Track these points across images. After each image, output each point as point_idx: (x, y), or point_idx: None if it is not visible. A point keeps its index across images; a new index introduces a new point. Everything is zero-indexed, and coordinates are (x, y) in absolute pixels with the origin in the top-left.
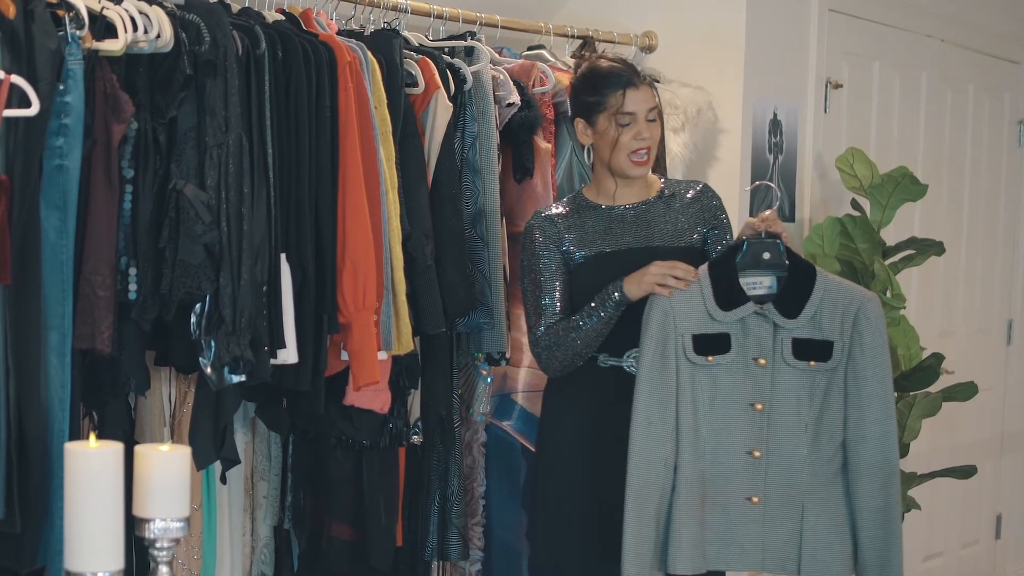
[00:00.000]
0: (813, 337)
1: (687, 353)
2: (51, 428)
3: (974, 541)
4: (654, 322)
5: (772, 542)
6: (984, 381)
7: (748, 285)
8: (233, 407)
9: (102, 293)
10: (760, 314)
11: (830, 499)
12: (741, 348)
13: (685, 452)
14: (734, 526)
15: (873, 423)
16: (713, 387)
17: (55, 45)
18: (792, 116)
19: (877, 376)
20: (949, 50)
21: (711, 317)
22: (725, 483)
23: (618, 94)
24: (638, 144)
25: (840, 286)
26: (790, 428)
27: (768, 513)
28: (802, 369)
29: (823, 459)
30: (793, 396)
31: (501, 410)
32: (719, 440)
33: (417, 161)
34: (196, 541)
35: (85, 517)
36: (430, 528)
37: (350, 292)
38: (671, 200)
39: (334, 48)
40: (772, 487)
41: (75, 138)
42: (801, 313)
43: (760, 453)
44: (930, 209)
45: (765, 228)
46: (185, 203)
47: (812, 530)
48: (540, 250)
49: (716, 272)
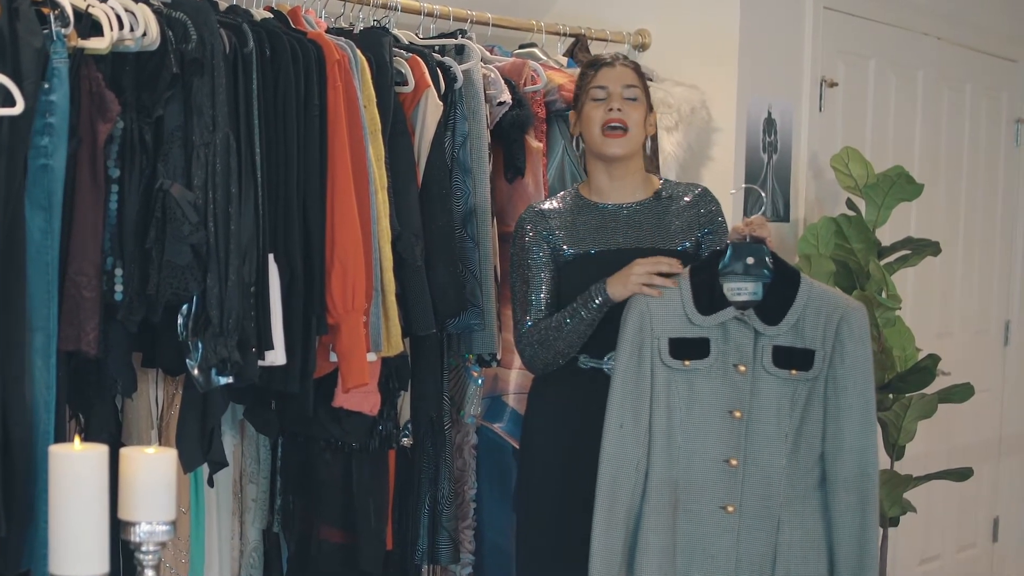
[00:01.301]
0: (795, 345)
1: (663, 356)
2: (36, 430)
3: (971, 544)
4: (631, 324)
5: (746, 553)
6: (981, 383)
7: (731, 291)
8: (221, 409)
9: (88, 294)
10: (741, 320)
11: (807, 512)
12: (721, 354)
13: (657, 457)
14: (707, 536)
15: (851, 436)
16: (690, 393)
17: (40, 43)
18: (787, 115)
19: (857, 388)
20: (946, 48)
21: (690, 321)
22: (699, 491)
23: (590, 73)
24: (608, 116)
25: (825, 294)
26: (769, 437)
27: (743, 523)
28: (783, 378)
29: (801, 471)
30: (773, 405)
31: (492, 412)
32: (694, 447)
33: (407, 160)
34: (184, 545)
35: (70, 520)
36: (420, 531)
37: (339, 293)
38: (668, 202)
39: (323, 46)
40: (748, 497)
41: (60, 137)
42: (783, 320)
43: (737, 462)
44: (926, 209)
45: (749, 232)
46: (172, 203)
47: (787, 543)
48: (530, 244)
49: (697, 276)
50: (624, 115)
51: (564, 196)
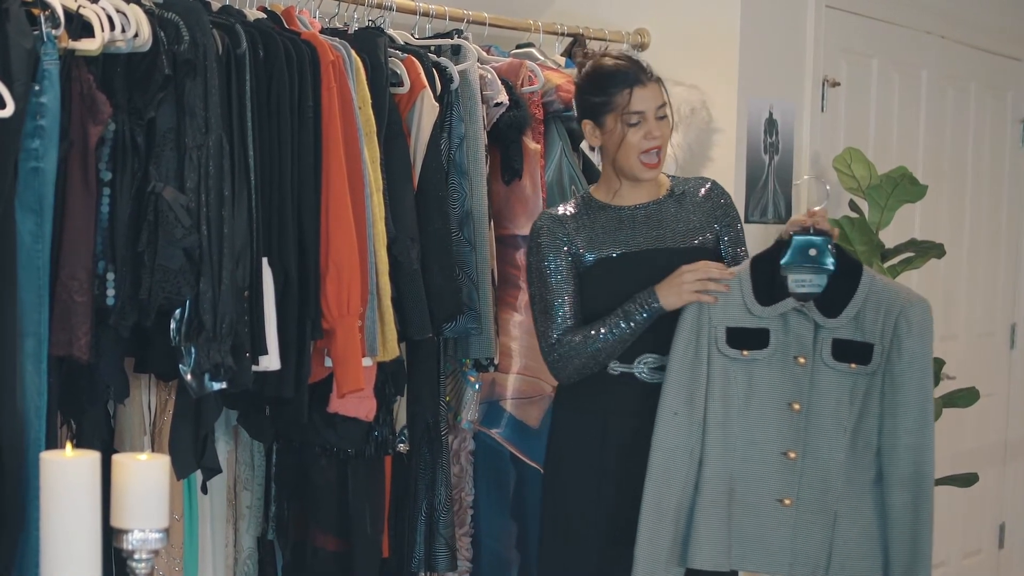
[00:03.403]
0: (855, 339)
1: (719, 345)
2: (27, 437)
3: (977, 551)
4: (689, 312)
5: (802, 548)
6: (986, 387)
7: (794, 282)
8: (214, 415)
9: (79, 298)
10: (801, 312)
11: (864, 508)
12: (781, 345)
13: (712, 447)
14: (763, 529)
15: (907, 432)
16: (749, 383)
17: (30, 44)
18: (788, 115)
19: (914, 384)
20: (950, 47)
21: (749, 311)
22: (756, 483)
23: (624, 93)
24: (648, 144)
25: (887, 287)
26: (828, 431)
27: (800, 517)
28: (842, 371)
29: (860, 466)
30: (833, 398)
31: (489, 417)
32: (752, 438)
33: (402, 162)
34: (177, 552)
35: (61, 528)
36: (417, 539)
37: (334, 297)
38: (682, 198)
39: (317, 47)
40: (805, 490)
41: (51, 140)
42: (842, 313)
43: (795, 454)
44: (930, 210)
45: (813, 224)
46: (164, 206)
47: (843, 539)
48: (547, 252)
49: (758, 267)
50: (660, 139)
51: (576, 201)
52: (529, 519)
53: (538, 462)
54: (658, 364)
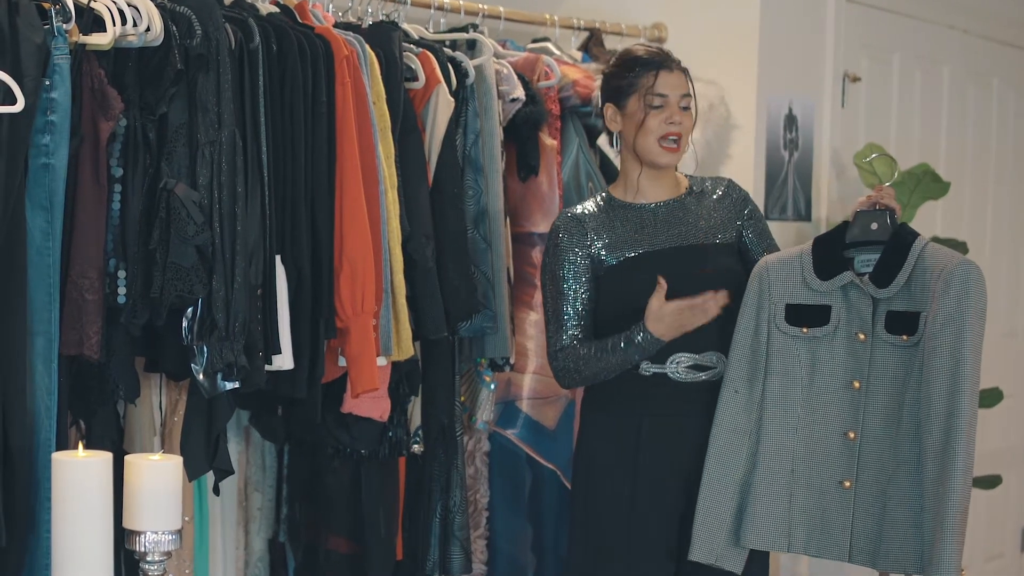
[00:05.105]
0: (907, 309)
1: (777, 322)
2: (37, 437)
3: (999, 554)
4: (752, 288)
5: (860, 531)
6: (1009, 387)
7: (862, 263)
8: (226, 415)
9: (90, 297)
10: (858, 286)
11: (911, 489)
12: (844, 322)
13: (771, 425)
14: (827, 511)
15: (938, 399)
16: (812, 362)
17: (40, 39)
18: (808, 111)
19: (948, 347)
20: (973, 42)
21: (808, 287)
22: (820, 464)
23: (650, 75)
24: (668, 128)
25: (937, 253)
26: (885, 409)
27: (858, 500)
28: (896, 344)
29: (906, 443)
30: (890, 374)
31: (505, 418)
32: (815, 419)
33: (417, 159)
34: (188, 554)
35: (73, 530)
36: (431, 541)
37: (348, 295)
38: (701, 196)
39: (331, 41)
40: (864, 472)
41: (62, 136)
42: (892, 282)
43: (855, 435)
44: (953, 208)
45: (878, 198)
46: (176, 203)
47: (892, 522)
48: (564, 252)
49: (820, 245)
50: (681, 127)
51: (596, 200)
52: (545, 521)
53: (554, 463)
54: (692, 363)
